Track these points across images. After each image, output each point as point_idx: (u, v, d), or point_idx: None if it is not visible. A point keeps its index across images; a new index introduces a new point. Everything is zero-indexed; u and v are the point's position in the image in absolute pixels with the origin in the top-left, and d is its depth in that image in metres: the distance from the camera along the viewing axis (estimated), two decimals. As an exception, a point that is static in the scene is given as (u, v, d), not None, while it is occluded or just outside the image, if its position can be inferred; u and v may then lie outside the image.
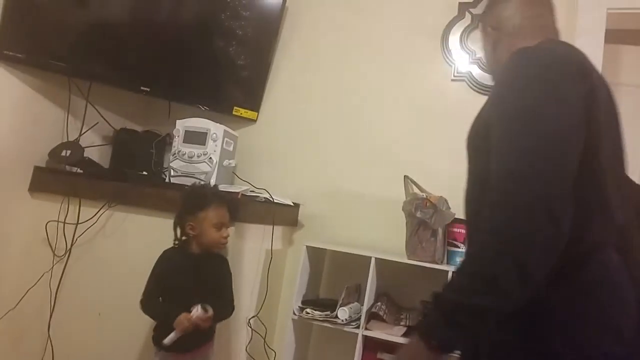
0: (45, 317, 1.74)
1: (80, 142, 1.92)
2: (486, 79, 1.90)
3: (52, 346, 1.72)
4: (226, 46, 2.01)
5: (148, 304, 1.46)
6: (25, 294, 1.76)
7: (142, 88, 1.89)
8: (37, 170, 1.88)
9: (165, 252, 1.52)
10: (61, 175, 1.85)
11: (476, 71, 1.95)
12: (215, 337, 1.53)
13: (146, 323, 1.62)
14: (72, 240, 1.78)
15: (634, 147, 1.07)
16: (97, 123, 1.99)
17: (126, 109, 2.14)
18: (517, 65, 0.87)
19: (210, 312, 1.38)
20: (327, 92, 2.17)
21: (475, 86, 1.95)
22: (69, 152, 1.87)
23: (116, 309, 1.70)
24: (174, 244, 1.53)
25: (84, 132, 1.97)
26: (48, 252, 1.81)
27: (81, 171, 1.87)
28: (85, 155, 1.89)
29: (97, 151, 2.03)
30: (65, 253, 1.79)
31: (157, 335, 1.46)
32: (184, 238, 1.51)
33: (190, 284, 1.46)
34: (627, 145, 0.92)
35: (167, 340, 1.35)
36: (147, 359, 1.60)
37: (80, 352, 1.72)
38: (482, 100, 1.89)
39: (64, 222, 1.80)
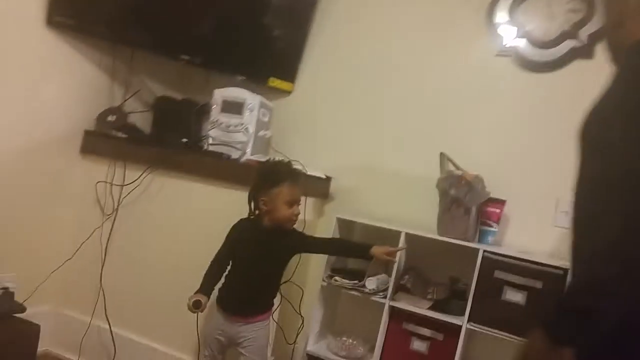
0: (97, 270, 1.96)
1: (124, 109, 2.05)
2: (533, 55, 1.84)
3: (104, 295, 1.94)
4: (264, 17, 2.04)
5: (211, 266, 1.58)
6: (80, 247, 1.98)
7: (181, 56, 1.97)
8: (87, 134, 2.05)
9: (240, 220, 1.62)
10: (108, 139, 2.01)
11: (523, 46, 1.88)
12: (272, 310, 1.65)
13: (188, 280, 1.78)
14: (119, 201, 1.96)
15: None
16: (140, 90, 2.11)
17: (166, 77, 2.25)
18: None
19: (196, 308, 1.48)
20: (364, 65, 2.16)
21: (521, 62, 1.88)
22: (114, 117, 2.02)
23: (159, 266, 1.89)
24: (249, 216, 1.61)
25: (128, 99, 2.09)
26: (98, 211, 2.01)
27: (125, 136, 2.01)
28: (129, 120, 2.03)
29: (139, 117, 2.17)
30: (113, 212, 1.97)
31: (219, 295, 1.59)
32: (256, 211, 1.59)
33: (256, 254, 1.56)
34: None
35: (199, 299, 1.49)
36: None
37: (128, 303, 1.94)
38: (527, 77, 1.85)
39: (112, 184, 1.98)
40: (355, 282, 1.84)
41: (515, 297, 1.65)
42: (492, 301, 1.67)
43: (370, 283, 1.81)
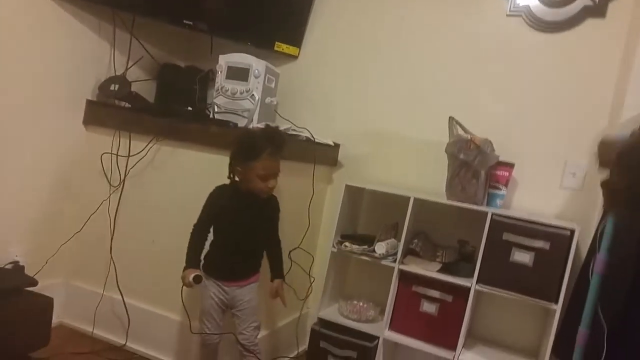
0: (107, 241, 2.01)
1: (127, 77, 2.06)
2: (545, 14, 1.85)
3: (115, 267, 1.99)
4: (269, -21, 2.02)
5: (194, 234, 1.64)
6: (88, 219, 2.02)
7: (184, 22, 1.97)
8: (90, 103, 2.06)
9: (218, 187, 1.66)
10: (111, 109, 2.02)
11: (535, 5, 1.89)
12: (261, 269, 1.72)
13: None
14: (125, 172, 1.99)
15: None
16: (142, 58, 2.11)
17: (169, 44, 2.24)
18: None
19: (202, 284, 1.56)
20: (371, 28, 2.17)
21: (533, 22, 1.90)
22: (117, 86, 2.02)
23: (167, 236, 1.94)
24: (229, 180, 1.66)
25: (130, 67, 2.10)
26: (104, 182, 2.04)
27: (129, 105, 2.02)
28: (132, 89, 2.04)
29: (142, 86, 2.17)
30: (120, 183, 2.01)
31: (206, 264, 1.66)
32: (236, 178, 1.64)
33: (238, 220, 1.61)
34: None
35: (199, 274, 1.56)
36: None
37: (139, 273, 2.00)
38: (538, 37, 1.87)
39: (117, 155, 2.01)
40: (365, 247, 1.91)
41: (523, 258, 1.72)
42: (500, 263, 1.75)
43: (380, 248, 1.88)
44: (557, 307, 1.66)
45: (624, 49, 1.81)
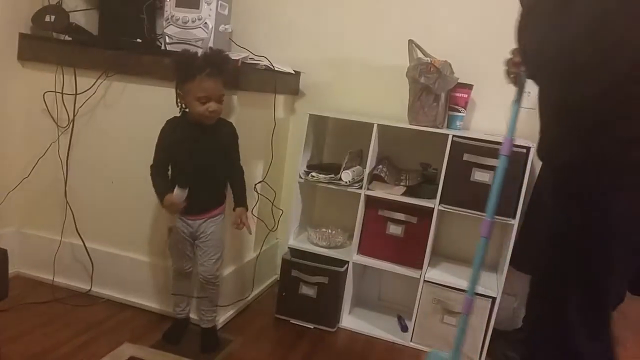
0: (60, 185, 1.95)
1: (63, 6, 1.92)
2: None
3: (72, 211, 1.95)
4: None
5: (154, 175, 1.63)
6: (36, 164, 1.95)
7: (124, -58, 1.84)
8: (23, 37, 1.93)
9: (168, 121, 1.65)
10: (50, 42, 1.89)
11: None
12: (226, 201, 1.75)
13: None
14: (74, 111, 1.91)
15: None
16: (79, -16, 1.96)
17: (109, -33, 2.08)
18: None
19: (186, 191, 1.56)
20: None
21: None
22: (53, 17, 1.89)
23: (126, 176, 1.91)
24: (179, 110, 1.65)
25: (66, -5, 1.95)
26: (51, 123, 1.95)
27: (70, 38, 1.91)
28: (71, 20, 1.91)
29: (82, 16, 2.04)
30: (69, 124, 1.93)
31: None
32: (185, 108, 1.62)
33: (194, 152, 1.61)
34: None
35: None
36: (161, 218, 1.86)
37: (98, 216, 1.97)
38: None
39: (62, 93, 1.91)
40: (332, 176, 1.96)
41: (483, 177, 1.83)
42: (461, 183, 1.85)
43: (346, 175, 1.94)
44: (515, 222, 1.79)
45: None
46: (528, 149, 1.78)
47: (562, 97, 0.98)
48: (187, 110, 1.61)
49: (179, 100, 1.62)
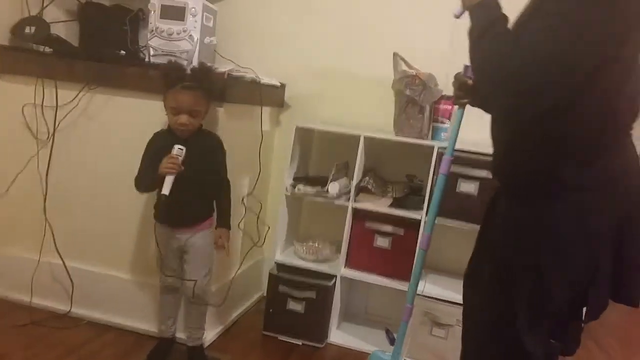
0: (39, 202, 1.91)
1: (43, 17, 1.91)
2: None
3: (51, 229, 1.91)
4: None
5: (138, 184, 1.63)
6: (15, 179, 1.91)
7: (107, -46, 1.85)
8: (2, 49, 1.90)
9: (155, 133, 1.66)
10: (30, 54, 1.89)
11: None
12: (214, 215, 1.74)
13: (140, 201, 1.84)
14: (54, 124, 1.88)
15: None
16: (60, -5, 1.96)
17: (91, -21, 2.09)
18: None
19: (184, 151, 1.55)
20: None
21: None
22: (33, 28, 1.88)
23: (109, 191, 1.89)
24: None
25: (46, 6, 1.95)
26: (30, 137, 1.92)
27: (51, 50, 1.89)
28: (51, 32, 1.90)
29: (62, 27, 2.04)
30: (49, 137, 1.90)
31: (156, 211, 1.67)
32: None
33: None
34: None
35: (165, 189, 1.52)
36: (144, 238, 1.84)
37: (79, 233, 1.94)
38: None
39: (42, 105, 1.89)
40: (318, 188, 1.98)
41: (468, 188, 1.88)
42: (447, 194, 1.88)
43: (333, 188, 1.96)
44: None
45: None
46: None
47: (517, 113, 1.05)
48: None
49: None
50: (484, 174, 1.85)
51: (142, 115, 1.79)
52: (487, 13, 1.08)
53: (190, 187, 1.63)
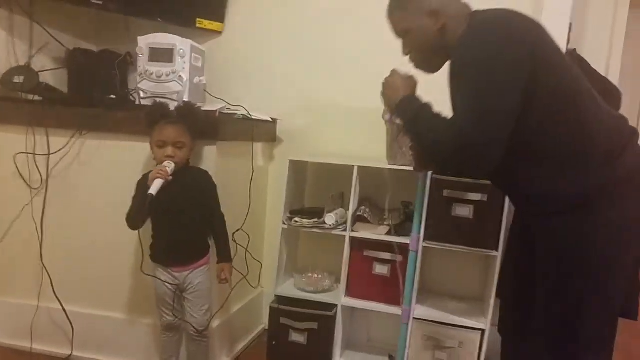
0: (35, 248, 1.94)
1: (31, 67, 1.94)
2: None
3: (48, 274, 1.94)
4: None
5: (129, 215, 1.65)
6: (10, 228, 1.94)
7: (93, 1, 1.88)
8: (-8, 100, 1.93)
9: (144, 175, 1.69)
10: (20, 104, 1.92)
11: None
12: (210, 252, 1.77)
13: (136, 242, 1.86)
14: (47, 172, 1.91)
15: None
16: (48, 44, 1.99)
17: (77, 26, 2.14)
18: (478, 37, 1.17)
19: (173, 165, 1.60)
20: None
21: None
22: (22, 78, 1.91)
23: (104, 235, 1.92)
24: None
25: (34, 55, 1.98)
26: (23, 185, 1.95)
27: (40, 98, 1.93)
28: (40, 80, 1.93)
29: (51, 75, 2.07)
30: (42, 185, 1.93)
31: (152, 252, 1.71)
32: None
33: (167, 202, 1.62)
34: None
35: (152, 190, 1.55)
36: (141, 278, 1.85)
37: (76, 278, 1.97)
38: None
39: (34, 154, 1.92)
40: (315, 220, 2.02)
41: (463, 211, 1.92)
42: (443, 218, 1.94)
43: (330, 219, 2.00)
44: (498, 254, 1.88)
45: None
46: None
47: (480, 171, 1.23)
48: None
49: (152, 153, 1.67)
50: (479, 197, 1.90)
51: (134, 157, 1.83)
52: (409, 109, 1.28)
53: (183, 225, 1.67)
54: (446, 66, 1.27)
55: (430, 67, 1.41)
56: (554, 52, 1.18)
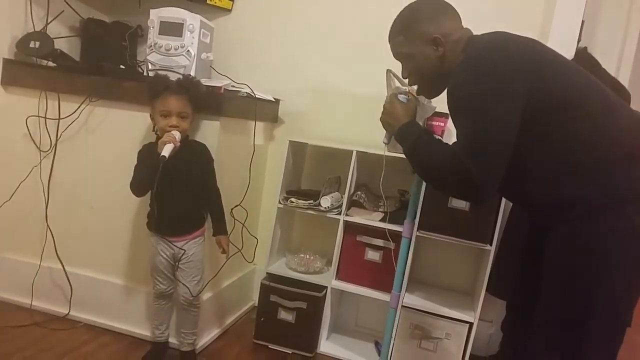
0: (41, 209, 2.06)
1: (47, 33, 2.05)
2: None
3: (52, 235, 2.06)
4: None
5: (133, 182, 1.74)
6: (18, 187, 2.06)
7: (109, -28, 1.97)
8: (8, 62, 2.05)
9: (144, 145, 1.79)
10: (35, 68, 2.02)
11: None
12: (205, 225, 1.87)
13: (136, 212, 1.98)
14: (57, 136, 2.02)
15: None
16: (63, 12, 2.09)
17: (92, -3, 2.23)
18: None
19: (179, 134, 1.68)
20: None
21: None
22: (37, 43, 2.02)
23: (108, 200, 2.03)
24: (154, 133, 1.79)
25: (50, 22, 2.08)
26: (33, 148, 2.07)
27: (54, 64, 2.03)
28: (55, 47, 2.04)
29: (65, 43, 2.17)
30: (51, 148, 2.04)
31: (149, 221, 1.81)
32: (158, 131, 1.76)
33: (171, 174, 1.69)
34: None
35: (165, 152, 1.62)
36: (140, 243, 1.97)
37: (78, 240, 2.08)
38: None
39: (45, 117, 2.03)
40: (311, 201, 2.09)
41: (459, 203, 1.96)
42: (438, 209, 1.98)
43: (325, 201, 2.06)
44: (491, 248, 1.92)
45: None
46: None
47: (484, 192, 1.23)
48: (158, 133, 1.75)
49: (153, 123, 1.76)
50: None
51: (140, 127, 1.92)
52: (409, 136, 1.34)
53: (181, 196, 1.75)
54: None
55: (429, 92, 1.50)
56: (555, 67, 1.20)
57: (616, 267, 1.13)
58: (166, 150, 1.63)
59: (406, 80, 2.09)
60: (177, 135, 1.68)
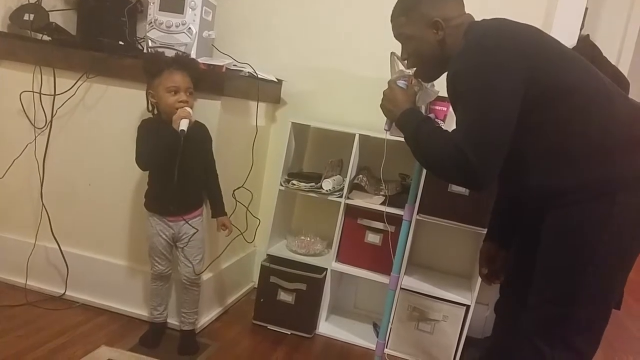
0: (36, 187, 2.05)
1: (42, 5, 2.01)
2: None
3: (47, 214, 2.05)
4: None
5: (144, 161, 1.72)
6: (11, 165, 2.04)
7: (108, -57, 1.93)
8: (1, 35, 2.01)
9: (143, 121, 1.78)
10: (28, 42, 1.99)
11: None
12: (204, 205, 1.89)
13: (134, 190, 1.98)
14: (52, 112, 2.00)
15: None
16: (59, -17, 2.05)
17: (90, -33, 2.17)
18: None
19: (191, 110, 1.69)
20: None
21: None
22: (32, 16, 1.98)
23: (104, 178, 2.03)
24: (151, 113, 1.79)
25: (45, -7, 2.04)
26: (27, 124, 2.04)
27: (49, 38, 2.00)
28: (50, 20, 2.00)
29: (60, 16, 2.13)
30: (46, 125, 2.02)
31: (148, 201, 1.82)
32: (155, 110, 1.76)
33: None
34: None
35: (183, 126, 1.63)
36: (138, 222, 1.98)
37: (74, 219, 2.08)
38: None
39: (40, 93, 2.00)
40: (312, 184, 2.11)
41: (459, 188, 2.01)
42: (439, 193, 2.03)
43: (327, 184, 2.09)
44: (489, 232, 1.98)
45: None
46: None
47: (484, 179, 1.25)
48: (156, 112, 1.76)
49: (150, 101, 1.75)
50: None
51: (140, 106, 1.90)
52: (409, 123, 1.36)
53: (181, 177, 1.73)
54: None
55: (428, 75, 1.52)
56: (554, 55, 1.23)
57: (607, 252, 1.18)
58: (184, 125, 1.63)
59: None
60: (190, 110, 1.69)
